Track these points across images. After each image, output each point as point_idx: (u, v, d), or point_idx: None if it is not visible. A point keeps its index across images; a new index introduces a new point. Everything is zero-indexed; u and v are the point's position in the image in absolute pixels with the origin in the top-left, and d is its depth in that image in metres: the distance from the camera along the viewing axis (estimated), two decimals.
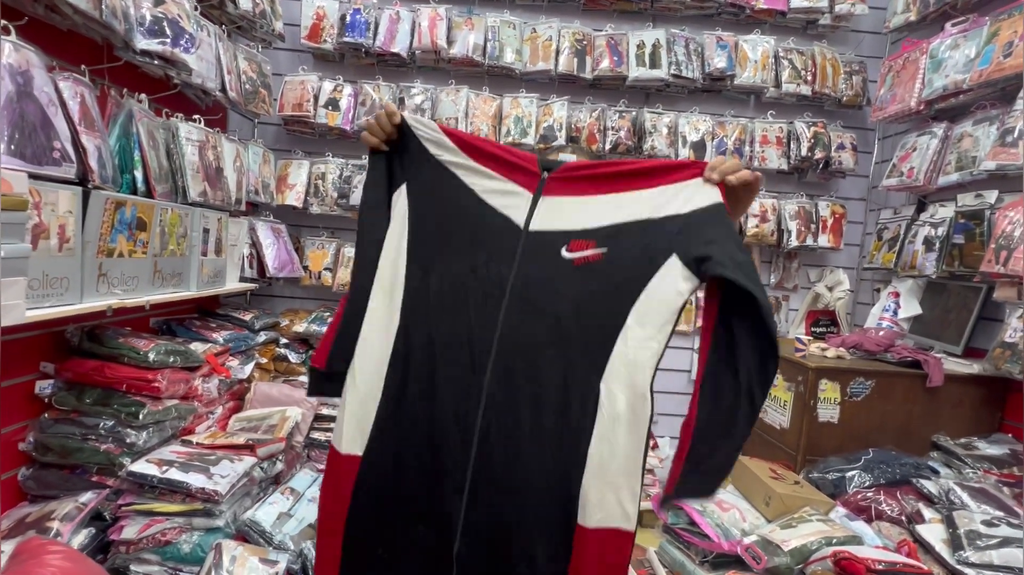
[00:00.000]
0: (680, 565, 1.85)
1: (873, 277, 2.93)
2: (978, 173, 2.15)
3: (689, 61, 2.72)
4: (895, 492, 1.81)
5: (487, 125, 2.70)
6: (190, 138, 1.94)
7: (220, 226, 2.12)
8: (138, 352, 1.67)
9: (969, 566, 1.42)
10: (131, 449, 1.59)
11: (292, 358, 2.61)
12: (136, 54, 1.67)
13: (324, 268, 2.77)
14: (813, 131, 2.78)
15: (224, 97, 2.15)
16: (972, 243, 2.17)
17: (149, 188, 1.71)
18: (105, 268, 1.50)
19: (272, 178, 2.66)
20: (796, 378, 2.20)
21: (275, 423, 2.08)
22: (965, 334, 2.25)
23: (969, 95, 2.24)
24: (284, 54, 2.80)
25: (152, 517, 1.51)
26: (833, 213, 2.85)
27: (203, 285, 2.00)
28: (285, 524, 1.63)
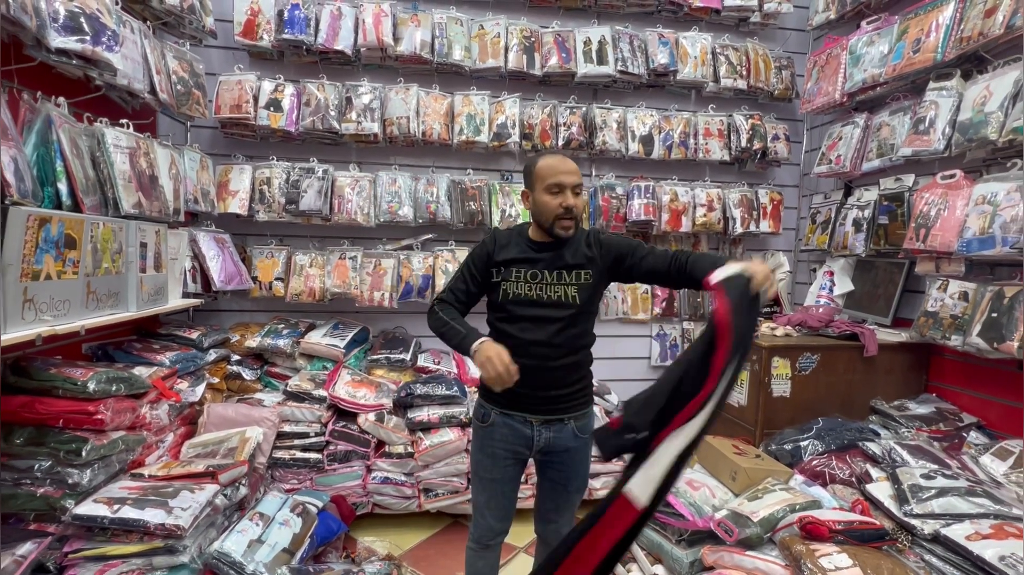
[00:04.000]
0: (658, 546, 1.91)
1: (809, 258, 3.15)
2: (896, 159, 2.36)
3: (634, 57, 2.80)
4: (845, 456, 1.96)
5: (439, 123, 2.65)
6: (119, 145, 1.78)
7: (158, 239, 1.96)
8: (75, 382, 1.52)
9: (914, 517, 1.56)
10: (74, 490, 1.45)
11: (246, 375, 2.46)
12: (51, 53, 1.51)
13: (275, 278, 2.62)
14: (751, 123, 2.94)
15: (154, 99, 1.99)
16: (895, 223, 2.38)
17: (76, 201, 1.55)
18: (31, 293, 1.35)
19: (212, 185, 2.49)
20: (751, 357, 2.33)
21: (235, 446, 1.95)
22: (893, 306, 2.47)
23: (885, 87, 2.45)
24: (217, 52, 2.62)
25: (106, 562, 1.38)
26: (772, 200, 3.04)
27: (143, 304, 1.84)
28: (256, 552, 1.54)
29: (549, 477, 1.54)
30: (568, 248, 1.44)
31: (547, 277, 1.41)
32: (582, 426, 1.48)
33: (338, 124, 2.56)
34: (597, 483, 2.48)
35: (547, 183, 1.38)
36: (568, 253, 1.43)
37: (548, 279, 1.41)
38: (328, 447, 2.26)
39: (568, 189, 1.37)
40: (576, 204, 1.37)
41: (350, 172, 2.67)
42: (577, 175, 1.40)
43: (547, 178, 1.38)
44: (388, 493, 2.26)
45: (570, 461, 1.49)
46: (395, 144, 2.71)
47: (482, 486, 1.50)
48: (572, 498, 1.54)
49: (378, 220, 2.65)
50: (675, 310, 3.11)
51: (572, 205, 1.36)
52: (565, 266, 1.42)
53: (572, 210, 1.36)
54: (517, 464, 1.48)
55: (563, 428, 1.45)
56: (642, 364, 3.15)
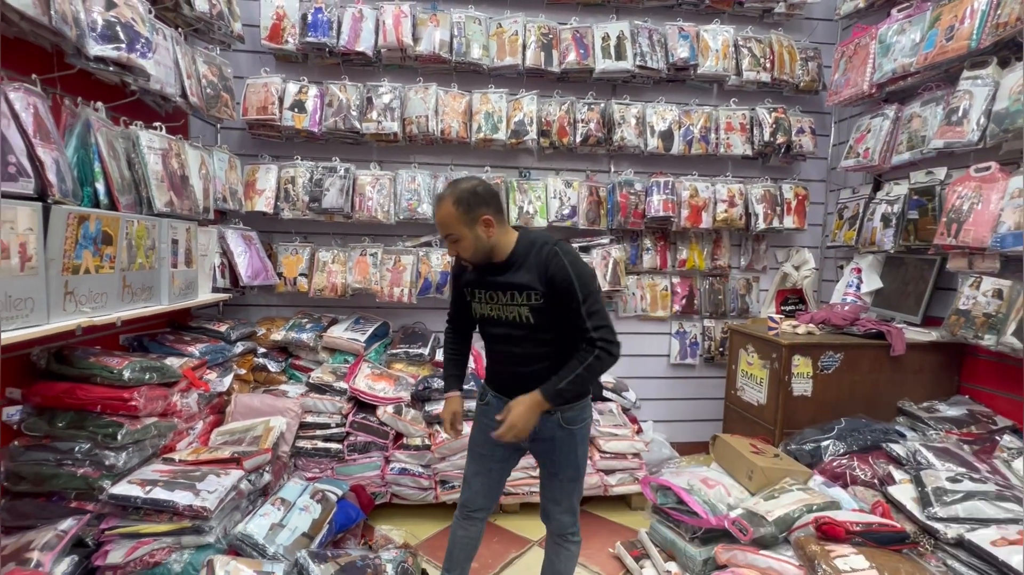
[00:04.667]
0: (671, 543, 1.91)
1: (836, 255, 3.06)
2: (928, 151, 2.27)
3: (653, 52, 2.77)
4: (867, 457, 1.91)
5: (457, 122, 2.69)
6: (152, 146, 1.87)
7: (189, 236, 2.05)
8: (112, 371, 1.61)
9: (938, 521, 1.51)
10: (111, 471, 1.54)
11: (272, 367, 2.55)
12: (90, 61, 1.60)
13: (299, 274, 2.71)
14: (774, 117, 2.87)
15: (185, 102, 2.08)
16: (925, 218, 2.29)
17: (112, 200, 1.64)
18: (72, 286, 1.44)
19: (240, 184, 2.59)
20: (771, 355, 2.29)
21: (259, 434, 2.04)
22: (923, 304, 2.38)
23: (916, 77, 2.36)
24: (245, 56, 2.72)
25: (138, 539, 1.47)
26: (796, 195, 2.96)
27: (175, 298, 1.94)
28: (278, 535, 1.61)
29: (543, 466, 1.58)
30: (520, 269, 1.40)
31: (501, 298, 1.43)
32: (569, 418, 1.48)
33: (359, 124, 2.62)
34: (613, 479, 2.47)
35: None
36: (519, 274, 1.40)
37: (502, 299, 1.43)
38: (348, 438, 2.33)
39: (448, 243, 1.40)
40: (459, 252, 1.39)
41: (371, 171, 2.73)
42: (444, 228, 1.38)
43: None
44: (406, 484, 2.32)
45: (556, 450, 1.51)
46: (415, 143, 2.76)
47: (472, 458, 1.59)
48: (565, 487, 1.54)
49: (398, 217, 2.70)
50: (695, 307, 3.07)
51: (454, 255, 1.41)
52: (516, 287, 1.40)
53: (457, 258, 1.41)
54: (508, 446, 1.51)
55: (549, 418, 1.46)
56: (661, 362, 3.12)
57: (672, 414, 3.13)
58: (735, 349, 2.59)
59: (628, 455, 2.47)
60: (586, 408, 1.52)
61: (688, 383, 3.14)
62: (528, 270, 1.38)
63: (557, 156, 2.94)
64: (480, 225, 1.36)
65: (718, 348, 3.07)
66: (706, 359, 3.11)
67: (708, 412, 3.08)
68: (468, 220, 1.35)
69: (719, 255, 3.06)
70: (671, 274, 3.06)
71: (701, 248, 3.05)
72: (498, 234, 1.39)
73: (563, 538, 1.57)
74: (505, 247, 1.41)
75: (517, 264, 1.40)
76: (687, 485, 1.92)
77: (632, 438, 2.49)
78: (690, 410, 3.14)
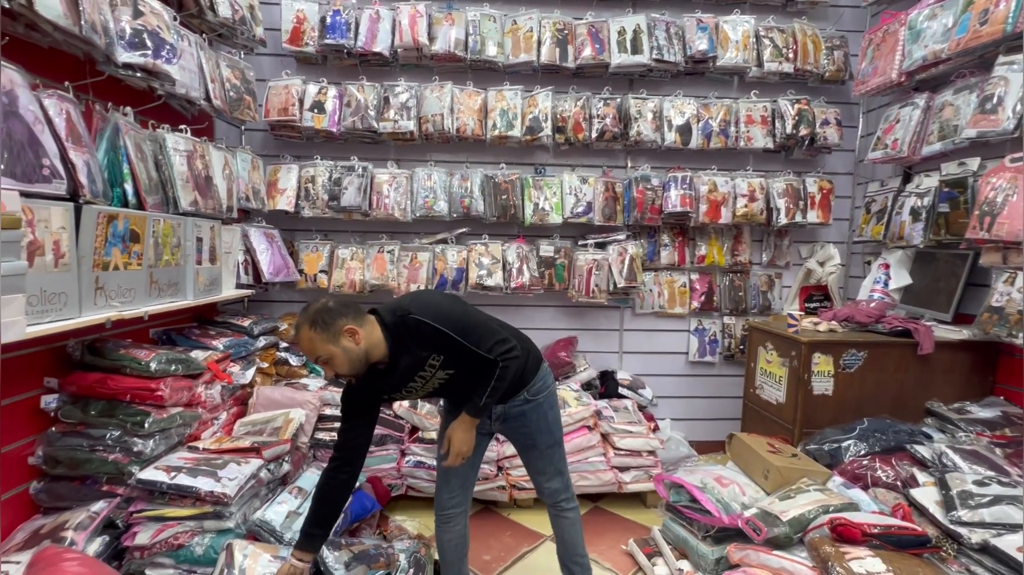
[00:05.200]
0: (683, 541, 1.89)
1: (863, 250, 2.95)
2: (960, 141, 2.17)
3: (670, 45, 2.73)
4: (890, 459, 1.85)
5: (473, 119, 2.71)
6: (177, 148, 1.95)
7: (213, 234, 2.13)
8: (140, 362, 1.70)
9: (962, 525, 1.46)
10: (139, 457, 1.62)
11: (292, 361, 2.63)
12: (119, 67, 1.68)
13: (319, 270, 2.78)
14: (797, 108, 2.79)
15: (209, 106, 2.16)
16: (957, 211, 2.20)
17: (140, 200, 1.73)
18: (102, 281, 1.52)
19: (262, 184, 2.67)
20: (790, 353, 2.23)
21: (279, 425, 2.10)
22: (954, 301, 2.28)
23: (948, 64, 2.26)
24: (267, 59, 2.81)
25: (164, 522, 1.54)
26: (820, 189, 2.88)
27: (199, 294, 2.02)
28: (295, 522, 1.66)
29: (520, 443, 1.64)
30: (403, 358, 1.40)
31: (414, 385, 1.46)
32: (533, 390, 1.56)
33: (376, 123, 2.67)
34: (627, 476, 2.46)
35: None
36: (406, 361, 1.40)
37: (417, 385, 1.46)
38: None
39: (320, 366, 1.37)
40: (335, 370, 1.36)
41: (388, 169, 2.78)
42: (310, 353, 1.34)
43: None
44: (421, 476, 2.36)
45: (528, 422, 1.57)
46: (431, 141, 2.80)
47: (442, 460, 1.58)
48: (545, 454, 1.60)
49: (414, 215, 2.74)
50: (715, 304, 3.02)
51: (333, 376, 1.37)
52: (416, 369, 1.42)
53: (335, 377, 1.39)
54: (480, 436, 1.56)
55: (515, 397, 1.54)
56: (679, 359, 3.08)
57: (691, 412, 3.08)
58: (754, 347, 2.54)
59: (643, 453, 2.45)
60: (546, 376, 1.59)
61: (707, 381, 3.09)
62: (411, 350, 1.39)
63: (573, 152, 2.93)
64: (344, 337, 1.33)
65: (738, 346, 3.01)
66: (726, 357, 3.06)
67: (728, 411, 3.03)
68: (331, 337, 1.33)
69: (740, 251, 3.00)
70: (689, 270, 3.02)
71: (721, 244, 2.99)
72: (366, 337, 1.36)
73: (557, 507, 1.64)
74: (379, 345, 1.38)
75: (399, 350, 1.39)
76: (700, 483, 1.90)
77: (647, 435, 2.47)
78: (709, 408, 3.09)
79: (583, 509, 2.47)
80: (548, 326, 3.00)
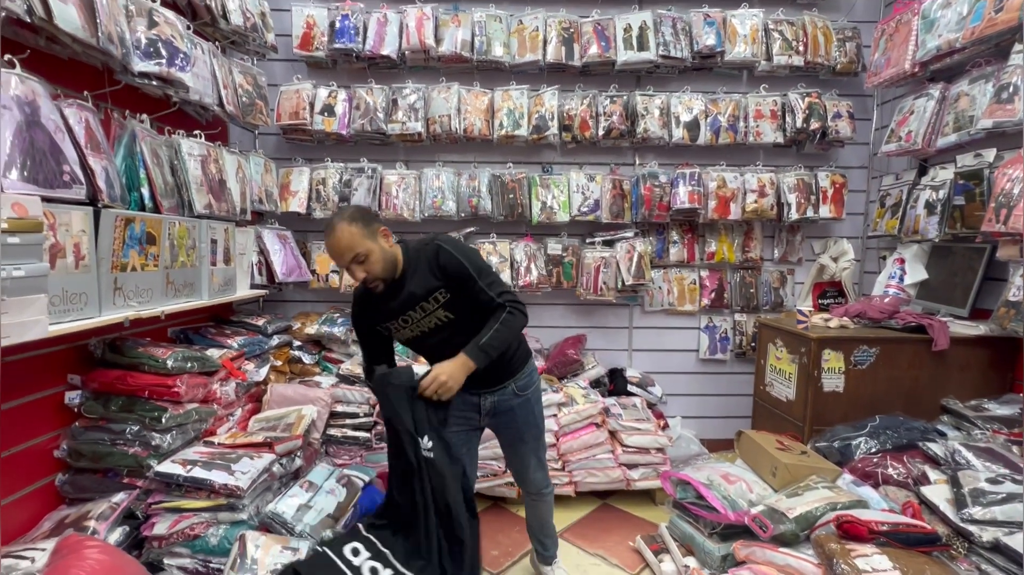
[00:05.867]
0: (690, 538, 1.89)
1: (878, 245, 2.90)
2: (976, 132, 2.12)
3: (677, 41, 2.72)
4: (902, 456, 1.81)
5: (480, 120, 2.73)
6: (192, 153, 2.02)
7: (227, 236, 2.20)
8: (157, 360, 1.76)
9: (973, 523, 1.43)
10: (157, 451, 1.69)
11: (306, 359, 2.69)
12: (135, 76, 1.75)
13: (331, 271, 2.84)
14: (807, 102, 2.75)
15: (222, 111, 2.23)
16: (972, 203, 2.15)
17: (156, 204, 1.79)
18: (120, 282, 1.59)
19: (275, 186, 2.74)
20: (799, 350, 2.21)
21: (292, 422, 2.16)
22: (971, 296, 2.23)
23: (963, 54, 2.21)
24: (279, 65, 2.87)
25: (181, 513, 1.60)
26: (833, 183, 2.83)
27: (214, 294, 2.08)
28: (305, 515, 1.71)
29: (506, 437, 1.68)
30: (415, 276, 1.44)
31: (414, 315, 1.47)
32: (522, 385, 1.61)
33: (385, 125, 2.72)
34: (636, 474, 2.46)
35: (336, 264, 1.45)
36: (416, 282, 1.44)
37: (416, 316, 1.47)
38: (376, 427, 2.43)
39: (348, 267, 1.40)
40: (365, 275, 1.39)
41: (397, 170, 2.82)
42: (348, 250, 1.37)
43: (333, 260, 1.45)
44: None
45: (516, 417, 1.62)
46: (439, 142, 2.83)
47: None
48: (531, 445, 1.67)
49: (423, 215, 2.78)
50: (725, 301, 3.00)
51: (361, 277, 1.40)
52: (420, 296, 1.44)
53: (366, 281, 1.41)
54: (469, 431, 1.60)
55: (504, 390, 1.58)
56: (690, 357, 3.06)
57: (702, 410, 3.07)
58: (764, 343, 2.51)
59: (651, 450, 2.45)
60: (532, 372, 1.65)
61: (718, 379, 3.07)
62: (423, 275, 1.43)
63: (580, 150, 2.93)
64: (380, 236, 1.40)
65: (750, 343, 2.98)
66: (737, 354, 3.03)
67: (739, 409, 3.00)
68: (370, 234, 1.38)
69: (750, 247, 2.97)
70: (699, 267, 3.00)
71: (731, 240, 2.96)
72: (393, 245, 1.44)
73: (540, 495, 1.73)
74: (398, 259, 1.45)
75: (411, 272, 1.44)
76: (707, 480, 1.89)
77: (656, 433, 2.46)
78: (720, 406, 3.06)
79: (592, 506, 2.48)
80: (557, 324, 3.01)
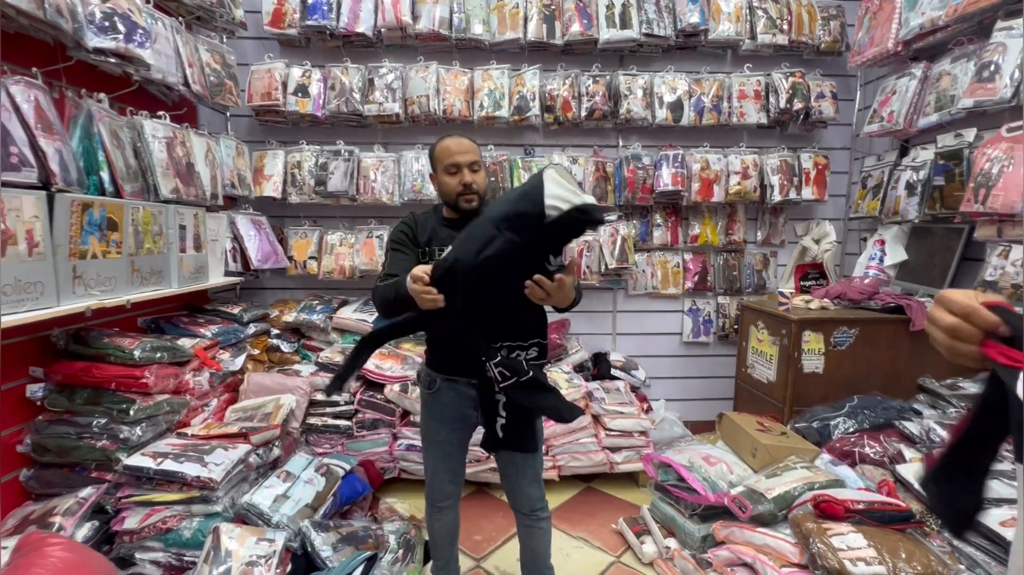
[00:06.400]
0: (671, 519, 1.90)
1: (860, 226, 2.91)
2: (956, 112, 2.11)
3: (660, 18, 2.66)
4: (878, 435, 1.84)
5: (459, 100, 2.66)
6: (156, 135, 1.93)
7: (197, 222, 2.12)
8: (123, 350, 1.70)
9: None
10: (126, 444, 1.64)
11: (284, 348, 2.64)
12: (89, 53, 1.65)
13: (309, 257, 2.77)
14: (791, 82, 2.72)
15: (188, 91, 2.13)
16: (952, 184, 2.15)
17: (117, 188, 1.71)
18: (80, 270, 1.52)
19: (248, 170, 2.65)
20: (780, 332, 2.21)
21: (270, 411, 2.12)
22: (949, 276, 2.24)
23: (946, 32, 2.18)
24: (249, 43, 2.76)
25: (152, 507, 1.56)
26: (816, 164, 2.82)
27: (185, 281, 2.02)
28: (282, 505, 1.68)
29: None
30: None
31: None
32: None
33: (362, 106, 2.63)
34: (619, 457, 2.47)
35: (445, 164, 1.42)
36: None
37: None
38: (357, 415, 2.40)
39: (464, 168, 1.41)
40: (475, 180, 1.42)
41: (375, 153, 2.75)
42: (472, 153, 1.43)
43: (444, 160, 1.43)
44: (413, 459, 2.38)
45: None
46: (418, 124, 2.76)
47: (431, 450, 1.53)
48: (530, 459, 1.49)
49: (402, 199, 2.72)
50: (708, 284, 2.99)
51: (470, 182, 1.41)
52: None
53: (471, 186, 1.42)
54: (464, 428, 1.51)
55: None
56: (673, 340, 3.07)
57: (685, 393, 3.08)
58: (746, 326, 2.52)
59: (634, 433, 2.46)
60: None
61: (702, 361, 3.08)
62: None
63: (562, 132, 2.88)
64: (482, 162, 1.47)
65: (732, 325, 2.99)
66: (720, 337, 3.04)
67: (722, 391, 3.02)
68: (480, 156, 1.46)
69: (734, 230, 2.96)
70: (683, 250, 2.98)
71: (715, 223, 2.95)
72: None
73: (534, 515, 1.52)
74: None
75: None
76: (688, 462, 1.90)
77: (639, 416, 2.46)
78: (704, 389, 3.08)
79: (575, 489, 2.49)
80: None
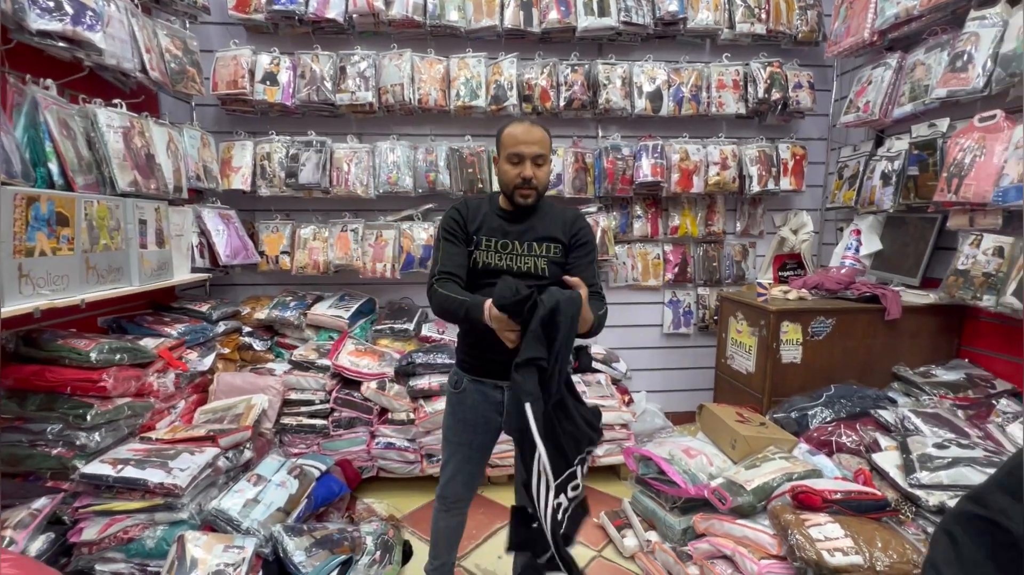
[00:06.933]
0: (652, 512, 1.89)
1: (836, 216, 2.93)
2: (930, 102, 2.12)
3: (639, 6, 2.61)
4: (855, 424, 1.85)
5: (435, 89, 2.59)
6: (112, 124, 1.83)
7: (159, 216, 2.02)
8: (79, 352, 1.61)
9: (920, 488, 1.46)
10: (83, 451, 1.56)
11: (257, 346, 2.56)
12: (33, 35, 1.55)
13: (281, 251, 2.68)
14: (769, 71, 2.71)
15: (147, 78, 2.02)
16: (926, 174, 2.16)
17: (68, 181, 1.61)
18: (26, 268, 1.42)
19: (215, 162, 2.54)
20: (759, 322, 2.21)
21: (240, 412, 2.05)
22: (922, 265, 2.27)
23: (921, 22, 2.19)
24: (214, 28, 2.64)
25: (112, 516, 1.49)
26: (794, 155, 2.83)
27: (147, 279, 1.92)
28: (252, 510, 1.62)
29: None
30: (542, 220, 1.40)
31: (517, 247, 1.38)
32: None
33: (333, 95, 2.54)
34: (600, 450, 2.46)
35: (508, 152, 1.35)
36: (541, 225, 1.40)
37: (518, 250, 1.38)
38: (333, 414, 2.34)
39: (528, 160, 1.33)
40: (536, 175, 1.34)
41: (348, 144, 2.66)
42: (540, 145, 1.33)
43: (509, 147, 1.35)
44: (392, 458, 2.33)
45: None
46: (392, 113, 2.68)
47: (452, 450, 1.49)
48: None
49: (377, 191, 2.64)
50: (689, 275, 2.99)
51: (530, 176, 1.33)
52: (537, 238, 1.39)
53: (530, 181, 1.34)
54: (488, 431, 1.46)
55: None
56: (654, 332, 3.06)
57: (666, 384, 3.09)
58: (725, 317, 2.52)
59: (615, 426, 2.45)
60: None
61: (683, 352, 3.08)
62: (552, 221, 1.41)
63: (540, 122, 2.81)
64: (550, 156, 1.39)
65: (712, 316, 2.99)
66: (700, 328, 3.04)
67: (703, 381, 3.03)
68: (550, 149, 1.38)
69: (713, 221, 2.95)
70: (663, 242, 2.97)
71: (694, 214, 2.94)
72: None
73: None
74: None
75: (543, 212, 1.41)
76: (668, 455, 1.89)
77: (620, 409, 2.45)
78: (685, 380, 3.09)
79: None
80: None
